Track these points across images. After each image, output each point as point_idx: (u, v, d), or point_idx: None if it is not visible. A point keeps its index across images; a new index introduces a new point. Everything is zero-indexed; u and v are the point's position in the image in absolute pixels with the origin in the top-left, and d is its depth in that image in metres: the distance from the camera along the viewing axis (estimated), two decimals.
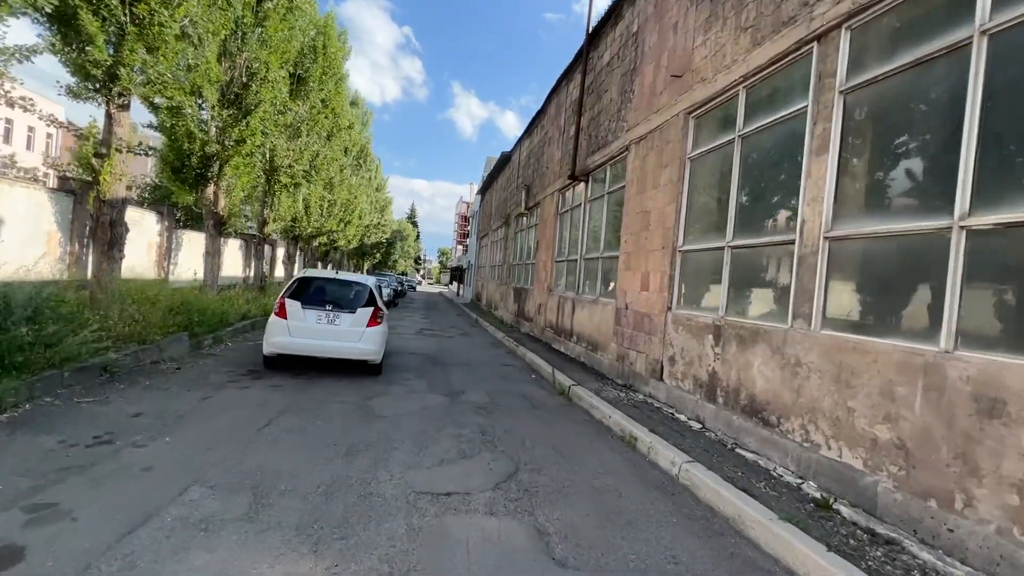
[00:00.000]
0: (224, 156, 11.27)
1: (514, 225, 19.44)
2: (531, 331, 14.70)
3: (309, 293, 7.40)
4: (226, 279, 19.53)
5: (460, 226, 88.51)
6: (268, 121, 12.57)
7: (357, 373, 7.77)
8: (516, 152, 20.29)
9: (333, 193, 22.15)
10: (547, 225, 13.93)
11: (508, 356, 11.26)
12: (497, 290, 22.42)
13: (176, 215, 15.73)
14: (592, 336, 9.58)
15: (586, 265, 10.68)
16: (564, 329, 11.41)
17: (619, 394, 7.25)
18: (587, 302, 10.02)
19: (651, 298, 7.24)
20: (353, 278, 7.84)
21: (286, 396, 6.07)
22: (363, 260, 40.75)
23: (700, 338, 5.92)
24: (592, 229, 10.59)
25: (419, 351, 10.88)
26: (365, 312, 7.39)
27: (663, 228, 7.07)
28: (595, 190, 10.56)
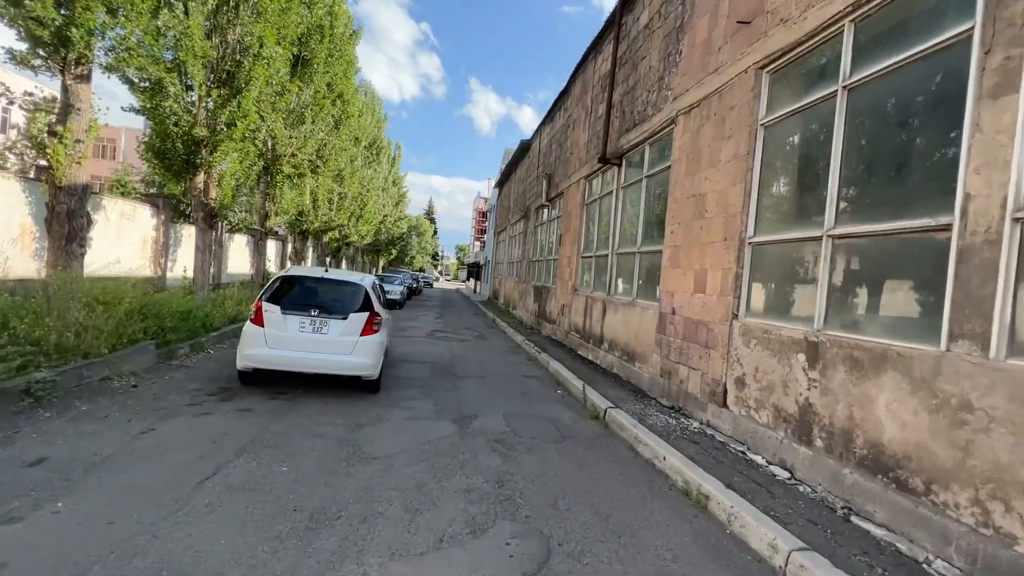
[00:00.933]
0: (214, 141, 10.15)
1: (534, 218, 18.07)
2: (553, 334, 13.35)
3: (291, 295, 6.17)
4: (233, 276, 18.62)
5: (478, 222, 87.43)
6: (264, 103, 11.43)
7: (351, 390, 6.53)
8: (536, 139, 18.89)
9: (343, 186, 21.07)
10: (571, 217, 12.54)
11: (529, 365, 9.93)
12: (516, 288, 21.10)
13: (175, 208, 14.76)
14: (628, 345, 8.18)
15: (619, 262, 9.27)
16: (592, 334, 10.02)
17: (668, 420, 5.87)
18: (621, 305, 8.62)
19: (709, 302, 5.82)
20: (345, 277, 6.59)
21: (253, 426, 4.84)
22: (378, 256, 39.84)
23: (784, 357, 4.50)
24: (626, 220, 9.17)
25: (428, 359, 9.62)
26: (358, 318, 6.14)
27: (725, 215, 5.64)
28: (630, 174, 9.13)
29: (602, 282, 10.09)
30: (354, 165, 21.72)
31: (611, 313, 9.06)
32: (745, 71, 5.48)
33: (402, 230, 43.69)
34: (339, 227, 21.02)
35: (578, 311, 11.19)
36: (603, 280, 10.00)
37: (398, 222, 40.40)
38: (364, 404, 6.03)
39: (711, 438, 5.30)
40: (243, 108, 10.23)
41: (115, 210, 12.11)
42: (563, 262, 13.00)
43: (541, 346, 11.45)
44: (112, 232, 12.01)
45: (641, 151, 8.55)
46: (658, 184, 7.91)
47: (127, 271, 12.25)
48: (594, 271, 10.69)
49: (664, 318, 6.92)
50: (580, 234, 11.75)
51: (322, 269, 6.76)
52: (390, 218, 37.00)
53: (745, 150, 5.39)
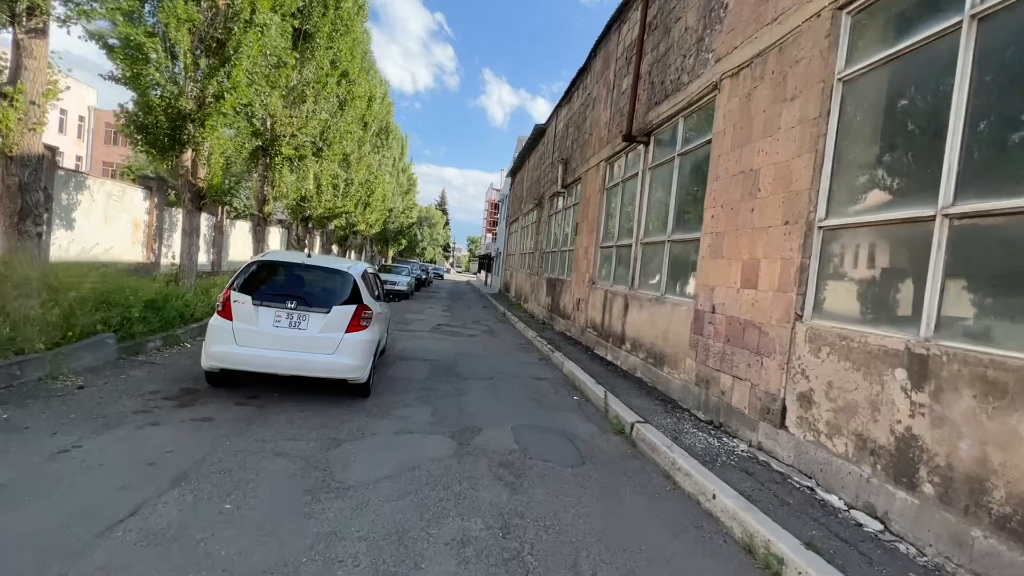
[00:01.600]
0: (201, 115, 9.30)
1: (548, 207, 17.05)
2: (567, 330, 12.38)
3: (266, 284, 5.29)
4: (236, 264, 17.90)
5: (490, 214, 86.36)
6: (258, 76, 10.55)
7: (336, 394, 5.65)
8: (552, 123, 17.82)
9: (350, 171, 20.22)
10: (589, 204, 11.52)
11: (541, 365, 8.98)
12: (527, 280, 20.14)
13: (168, 191, 14.01)
14: (655, 346, 7.20)
15: (645, 252, 8.26)
16: (612, 332, 9.04)
17: (709, 440, 4.89)
18: (647, 300, 7.62)
19: (761, 299, 4.82)
20: (331, 264, 5.68)
21: (206, 442, 3.98)
22: (387, 246, 39.10)
23: (873, 372, 3.50)
24: (654, 205, 8.14)
25: (431, 356, 8.73)
26: (344, 312, 5.24)
27: (786, 194, 4.62)
28: (658, 153, 8.09)
29: (624, 275, 9.09)
30: (362, 150, 20.84)
31: (635, 309, 8.07)
32: (817, 15, 4.43)
33: (412, 220, 42.84)
34: (345, 214, 20.18)
35: (596, 306, 10.21)
36: (625, 273, 9.00)
37: (407, 211, 39.55)
38: (349, 412, 5.14)
39: (766, 466, 4.32)
40: (233, 79, 9.36)
41: (101, 191, 11.37)
42: (579, 253, 12.01)
43: (555, 344, 10.50)
44: (98, 214, 11.28)
45: (673, 126, 7.50)
46: (694, 162, 6.88)
47: (114, 256, 11.53)
48: (614, 263, 9.69)
49: (701, 317, 5.92)
50: (599, 222, 10.74)
51: (304, 253, 5.86)
52: (399, 207, 36.16)
53: (815, 112, 4.35)
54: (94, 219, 11.11)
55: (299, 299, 5.14)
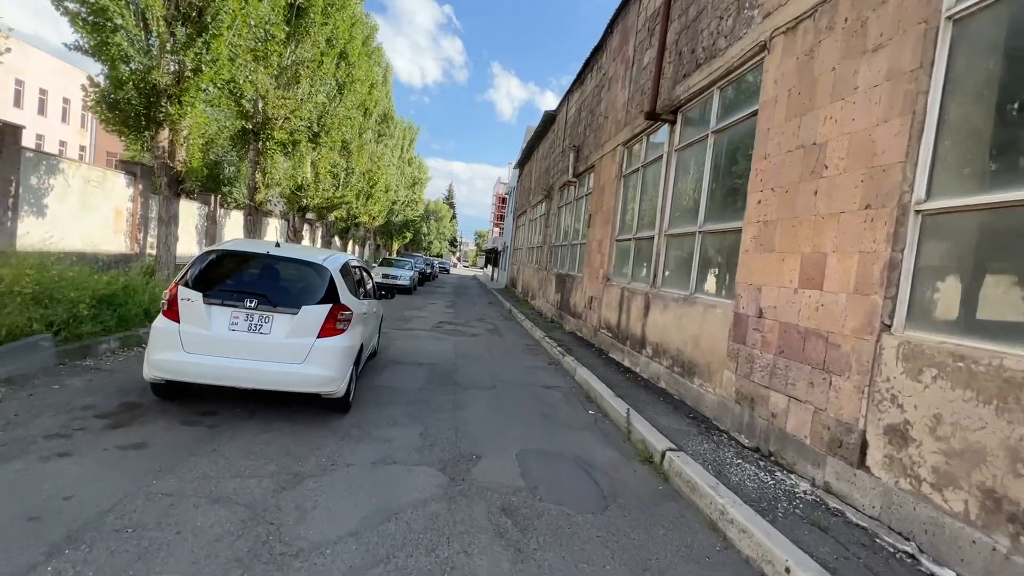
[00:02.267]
0: (177, 91, 8.43)
1: (558, 198, 16.09)
2: (579, 330, 11.46)
3: (222, 279, 4.41)
4: None
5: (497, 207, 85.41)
6: (242, 49, 9.66)
7: (311, 410, 4.77)
8: (563, 109, 16.82)
9: (350, 160, 19.35)
10: (604, 193, 10.56)
11: (551, 370, 8.07)
12: (535, 276, 19.20)
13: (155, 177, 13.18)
14: (682, 353, 6.25)
15: (670, 245, 7.30)
16: (630, 335, 8.10)
17: (760, 476, 3.96)
18: (673, 300, 6.67)
19: (831, 302, 3.86)
20: (303, 255, 4.77)
21: (124, 482, 3.11)
22: (392, 240, 38.30)
23: (1012, 407, 2.55)
24: (682, 191, 7.17)
25: (428, 359, 7.84)
26: (316, 313, 4.35)
27: (867, 169, 3.66)
28: (687, 133, 7.11)
29: (644, 271, 8.14)
30: (363, 138, 19.95)
31: (657, 310, 7.12)
32: None
33: (417, 213, 41.97)
34: (346, 205, 19.32)
35: (611, 305, 9.26)
36: (646, 268, 8.05)
37: (412, 204, 38.68)
38: (322, 433, 4.26)
39: (841, 517, 3.38)
40: (213, 50, 8.47)
41: (77, 175, 10.56)
42: (592, 247, 11.05)
43: (565, 345, 9.58)
44: (74, 201, 10.48)
45: (706, 100, 6.53)
46: (733, 140, 5.91)
47: (92, 246, 10.73)
48: (633, 257, 8.73)
49: (743, 322, 4.97)
50: (615, 213, 9.78)
51: (272, 242, 4.96)
52: (403, 199, 35.29)
53: (912, 63, 3.38)
54: (69, 206, 10.31)
55: (261, 297, 4.25)
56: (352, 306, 4.74)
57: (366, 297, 6.03)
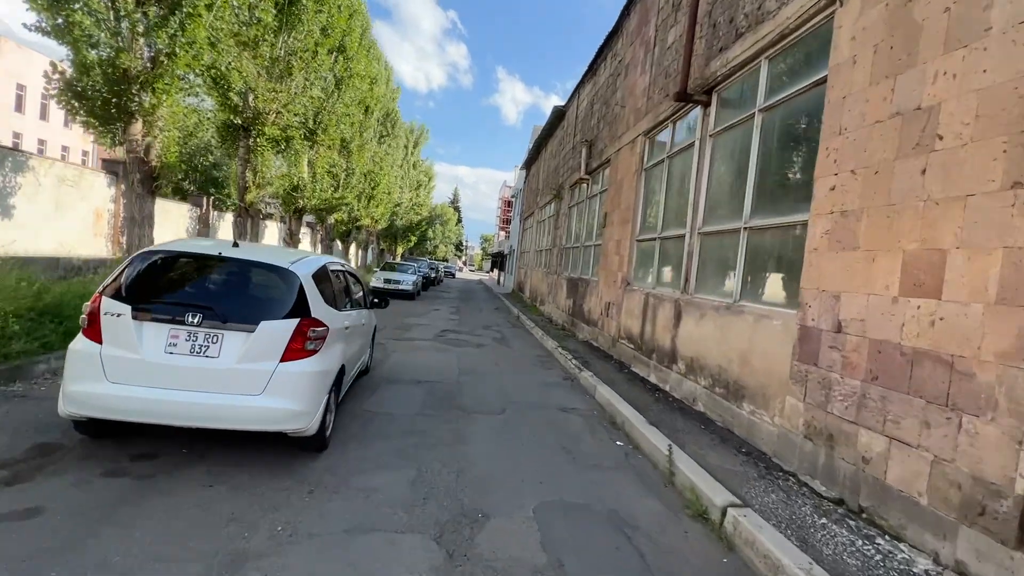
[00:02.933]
0: (150, 77, 7.60)
1: (568, 198, 15.16)
2: (594, 339, 10.49)
3: (158, 288, 3.51)
4: None
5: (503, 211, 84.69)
6: (224, 32, 8.82)
7: (278, 448, 3.85)
8: (573, 103, 15.91)
9: (351, 160, 18.52)
10: (622, 189, 9.61)
11: (567, 388, 7.11)
12: (544, 280, 18.25)
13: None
14: (726, 371, 5.27)
15: (706, 245, 6.34)
16: (657, 347, 7.12)
17: (858, 545, 2.99)
18: (712, 309, 5.70)
19: (955, 316, 2.89)
20: (263, 257, 3.82)
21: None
22: (396, 243, 37.49)
23: None
24: (720, 181, 6.21)
25: (428, 375, 6.91)
26: (278, 330, 3.43)
27: (1010, 136, 2.69)
28: (726, 114, 6.16)
29: (673, 274, 7.18)
30: (363, 137, 19.12)
31: (691, 320, 6.15)
32: None
33: (422, 216, 41.15)
34: (345, 207, 18.48)
35: (632, 313, 8.29)
36: (675, 271, 7.09)
37: (416, 207, 37.87)
38: (283, 485, 3.33)
39: None
40: (189, 32, 7.63)
41: (50, 174, 9.76)
42: (609, 248, 10.10)
43: (581, 357, 8.62)
44: (46, 201, 9.68)
45: (750, 74, 5.58)
46: (789, 117, 4.95)
47: (67, 250, 9.92)
48: (658, 259, 7.76)
49: (814, 337, 3.99)
50: (635, 210, 8.82)
51: (228, 242, 4.03)
52: (408, 202, 34.48)
53: None
54: (40, 207, 9.51)
55: (208, 311, 3.33)
56: (328, 320, 3.82)
57: (353, 307, 5.12)
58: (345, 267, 5.19)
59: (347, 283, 5.05)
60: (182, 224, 14.58)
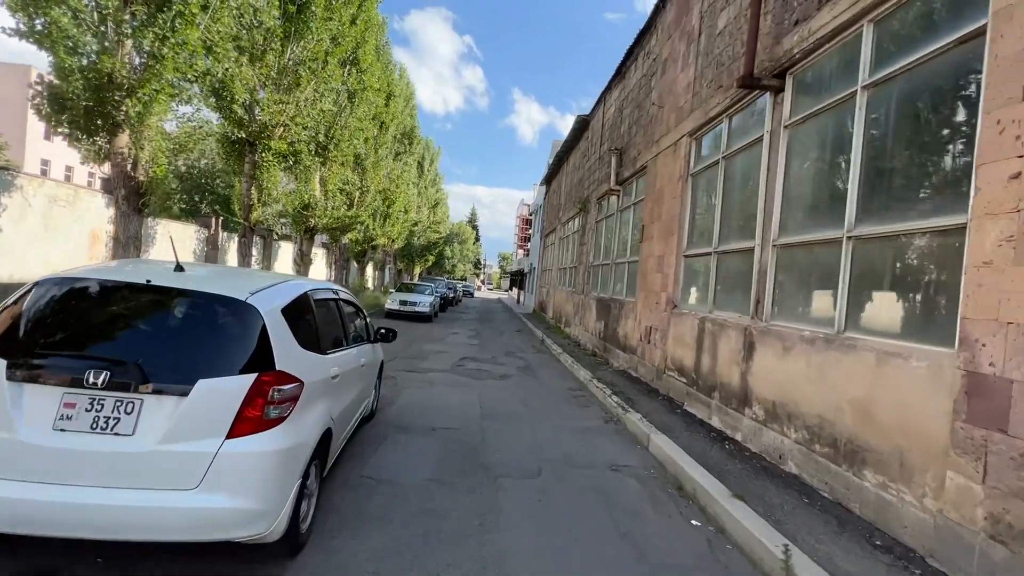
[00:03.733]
0: (133, 82, 6.82)
1: (595, 211, 14.06)
2: (632, 369, 9.25)
3: (50, 333, 2.47)
4: None
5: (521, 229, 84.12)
6: (222, 37, 8.07)
7: (229, 555, 2.75)
8: (598, 111, 14.93)
9: (365, 178, 17.80)
10: (663, 198, 8.48)
11: (612, 435, 5.89)
12: (569, 300, 17.08)
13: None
14: (832, 424, 4.02)
15: (785, 259, 5.14)
16: (721, 384, 5.88)
17: None
18: (803, 340, 4.47)
19: None
20: (208, 285, 2.70)
21: None
22: (413, 263, 36.80)
23: None
24: (802, 181, 5.04)
25: (445, 419, 5.78)
26: (223, 391, 2.37)
27: None
28: (806, 100, 5.02)
29: (738, 295, 5.98)
30: (378, 154, 18.43)
31: (770, 353, 4.92)
32: None
33: (439, 235, 40.47)
34: (359, 225, 17.69)
35: (682, 340, 7.08)
36: (740, 292, 5.88)
37: (435, 226, 37.20)
38: None
39: None
40: (180, 33, 6.86)
41: (40, 193, 9.08)
42: (648, 265, 8.93)
43: (621, 392, 7.40)
44: (35, 222, 8.98)
45: (844, 47, 4.45)
46: (911, 91, 3.78)
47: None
48: (715, 277, 6.57)
49: (996, 390, 2.76)
50: (681, 221, 7.67)
51: (166, 265, 2.97)
52: (424, 221, 33.81)
53: None
54: (29, 228, 8.80)
55: (120, 366, 2.29)
56: (305, 370, 2.75)
57: (350, 343, 4.07)
58: (339, 293, 4.13)
59: (340, 314, 3.99)
60: (188, 246, 13.91)
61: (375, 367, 5.25)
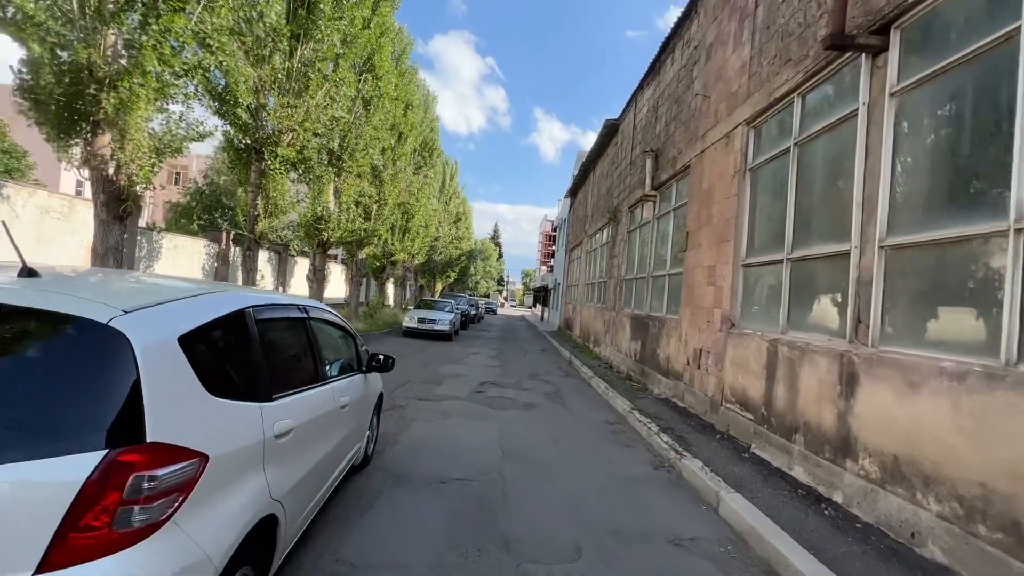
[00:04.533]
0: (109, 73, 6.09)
1: (627, 221, 12.92)
2: (678, 397, 7.99)
3: None
4: None
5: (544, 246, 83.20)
6: (218, 30, 7.34)
7: None
8: (628, 114, 13.88)
9: (382, 190, 17.09)
10: (711, 199, 7.32)
11: (666, 488, 4.68)
12: (598, 317, 15.85)
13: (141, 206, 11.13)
14: (1013, 503, 2.77)
15: (898, 264, 3.93)
16: (807, 425, 4.63)
17: None
18: (943, 375, 3.23)
19: None
20: (47, 299, 1.64)
21: None
22: (435, 279, 36.08)
23: None
24: (922, 162, 3.85)
25: (458, 466, 4.68)
26: (40, 483, 1.33)
27: None
28: (918, 60, 3.85)
29: (823, 311, 4.76)
30: (396, 165, 17.74)
31: (884, 389, 3.69)
32: None
33: (461, 251, 39.73)
34: (376, 239, 16.91)
35: (745, 367, 5.84)
36: (834, 308, 4.67)
37: (456, 241, 36.49)
38: None
39: None
40: (164, 21, 6.12)
41: (30, 204, 8.48)
42: (694, 277, 7.74)
43: (670, 429, 6.18)
44: (25, 234, 8.36)
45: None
46: None
47: None
48: (789, 290, 5.34)
49: None
50: (738, 224, 6.49)
51: (7, 268, 2.01)
52: (446, 236, 33.11)
53: None
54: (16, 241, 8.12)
55: None
56: (213, 437, 1.72)
57: (332, 377, 3.05)
58: (310, 311, 3.09)
59: (309, 340, 2.95)
60: (197, 262, 13.33)
61: (369, 403, 4.20)
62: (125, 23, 5.91)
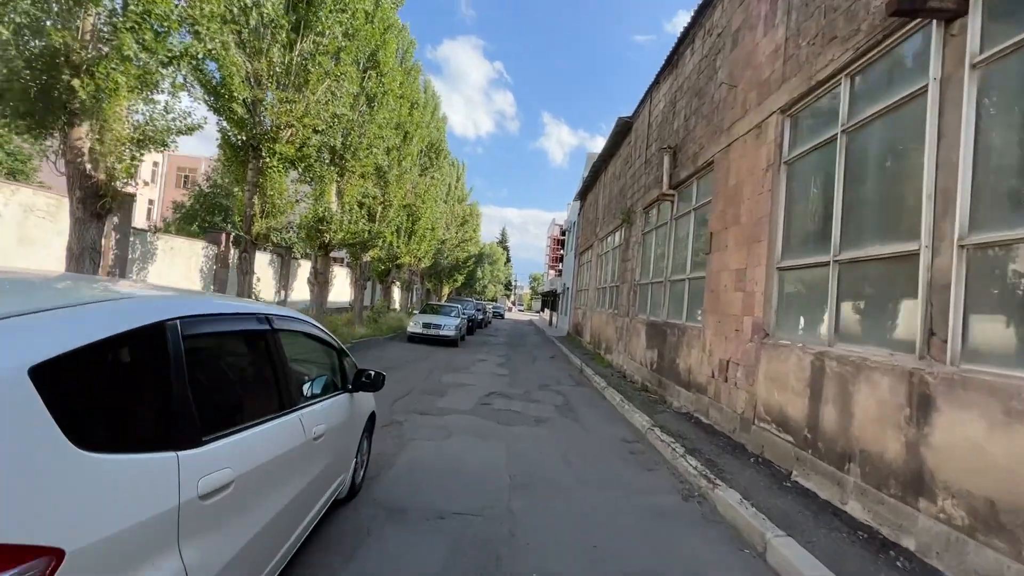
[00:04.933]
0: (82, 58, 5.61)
1: (641, 222, 12.30)
2: (701, 412, 7.35)
3: None
4: None
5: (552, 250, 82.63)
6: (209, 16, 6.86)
7: None
8: (643, 111, 13.28)
9: (387, 191, 16.60)
10: (740, 196, 6.70)
11: (698, 524, 4.04)
12: (610, 323, 15.21)
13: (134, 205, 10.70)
14: None
15: (983, 268, 3.29)
16: (863, 454, 3.98)
17: None
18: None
19: None
20: None
21: None
22: (442, 283, 35.56)
23: None
24: (1010, 145, 3.22)
25: (459, 496, 4.08)
26: None
27: None
28: (1002, 29, 3.22)
29: (882, 320, 4.12)
30: (402, 166, 17.25)
31: (974, 419, 3.05)
32: None
33: (468, 254, 39.21)
34: (380, 241, 16.42)
35: (782, 382, 5.20)
36: (885, 316, 4.03)
37: (463, 245, 35.98)
38: None
39: None
40: (143, 2, 5.64)
41: (12, 202, 8.03)
42: (720, 281, 7.11)
43: (696, 450, 5.55)
44: (7, 236, 7.90)
45: None
46: None
47: None
48: (837, 295, 4.71)
49: None
50: (772, 223, 5.86)
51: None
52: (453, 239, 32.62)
53: None
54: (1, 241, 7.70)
55: None
56: (72, 516, 1.14)
57: (305, 401, 2.49)
58: (274, 322, 2.51)
59: (271, 358, 2.37)
60: (195, 264, 12.91)
61: (356, 425, 3.63)
62: (100, 3, 5.42)
